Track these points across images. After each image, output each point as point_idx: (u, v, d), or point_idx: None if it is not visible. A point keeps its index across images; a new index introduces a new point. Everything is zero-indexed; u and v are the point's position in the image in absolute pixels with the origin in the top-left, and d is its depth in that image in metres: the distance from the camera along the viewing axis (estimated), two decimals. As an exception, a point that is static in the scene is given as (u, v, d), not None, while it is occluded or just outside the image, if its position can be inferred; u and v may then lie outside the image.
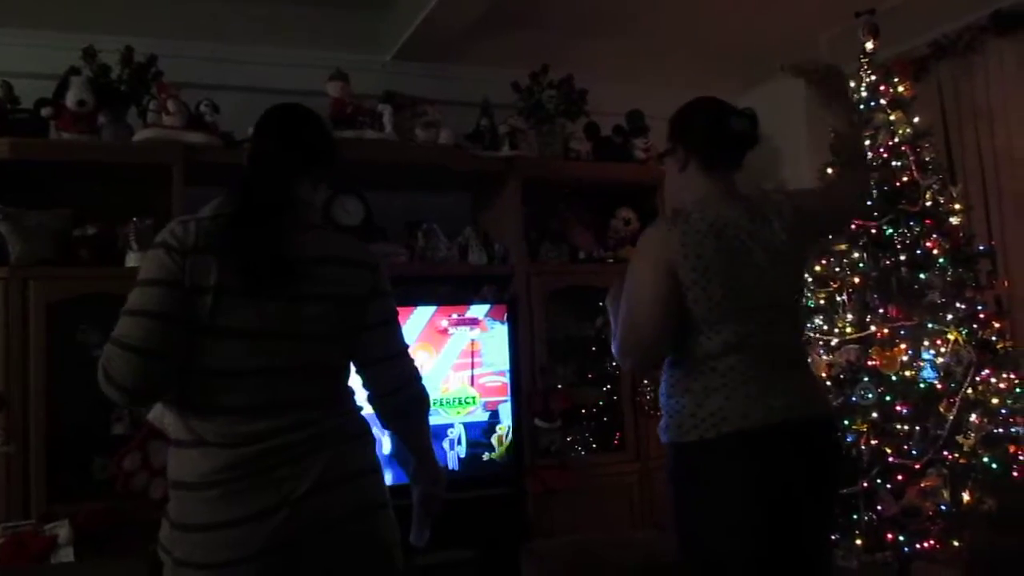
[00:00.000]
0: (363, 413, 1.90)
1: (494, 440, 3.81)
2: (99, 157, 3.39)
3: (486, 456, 3.80)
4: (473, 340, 3.80)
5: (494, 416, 3.81)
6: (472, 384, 3.78)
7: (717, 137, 2.27)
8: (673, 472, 2.21)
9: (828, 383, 3.54)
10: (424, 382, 1.96)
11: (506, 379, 3.85)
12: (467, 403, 3.76)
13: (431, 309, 3.73)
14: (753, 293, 2.16)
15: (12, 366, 3.17)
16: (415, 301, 3.72)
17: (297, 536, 1.65)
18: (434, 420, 3.61)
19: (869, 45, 3.75)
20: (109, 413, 3.34)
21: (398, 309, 1.96)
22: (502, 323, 3.86)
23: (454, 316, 3.77)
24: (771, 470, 2.09)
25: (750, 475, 2.09)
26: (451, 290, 3.97)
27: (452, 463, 3.73)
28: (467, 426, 3.77)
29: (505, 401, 3.84)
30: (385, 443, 3.49)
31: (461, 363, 3.77)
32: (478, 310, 3.82)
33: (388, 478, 1.98)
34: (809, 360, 2.50)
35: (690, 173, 2.30)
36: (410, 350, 1.96)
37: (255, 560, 1.61)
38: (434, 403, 3.60)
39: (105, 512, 3.09)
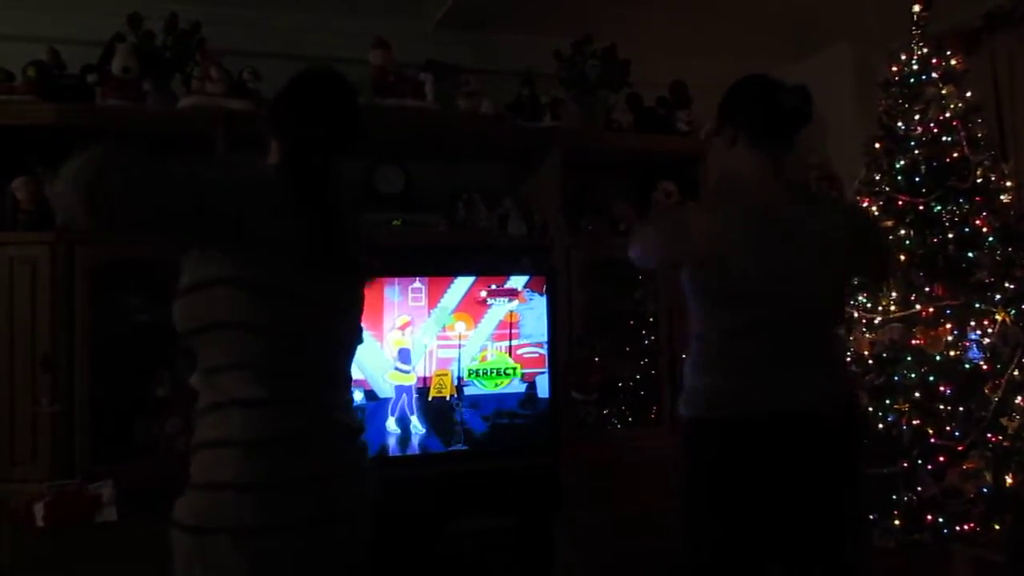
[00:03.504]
0: None
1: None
2: (143, 124, 3.41)
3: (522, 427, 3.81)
4: (512, 311, 3.79)
5: (531, 387, 3.81)
6: (510, 355, 3.78)
7: (766, 114, 2.22)
8: None
9: (870, 361, 3.51)
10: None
11: (544, 351, 3.85)
12: (506, 375, 3.76)
13: (470, 279, 3.73)
14: (776, 279, 2.15)
15: (58, 329, 3.22)
16: (454, 271, 3.71)
17: (341, 509, 1.66)
18: (471, 391, 3.68)
19: (920, 15, 3.66)
20: (151, 376, 3.39)
21: (434, 278, 2.00)
22: (541, 295, 3.85)
23: (493, 287, 3.77)
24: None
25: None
26: (490, 261, 3.96)
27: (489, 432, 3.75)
28: (504, 397, 3.77)
29: (543, 373, 3.84)
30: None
31: (499, 334, 3.77)
32: (517, 281, 3.81)
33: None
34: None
35: (738, 152, 2.26)
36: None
37: (308, 526, 1.60)
38: (471, 374, 3.69)
39: (148, 473, 3.15)
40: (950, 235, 3.47)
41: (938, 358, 3.39)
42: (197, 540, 1.56)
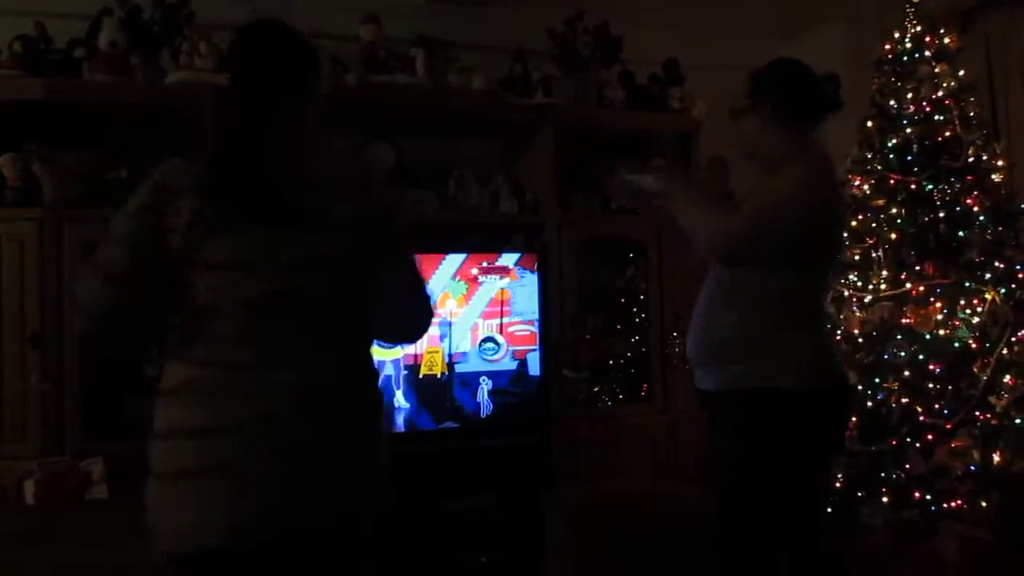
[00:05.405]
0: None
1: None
2: (131, 99, 3.37)
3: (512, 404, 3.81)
4: (503, 289, 3.79)
5: (522, 365, 3.81)
6: (501, 332, 3.78)
7: (806, 98, 2.35)
8: None
9: (860, 340, 3.52)
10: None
11: (535, 328, 3.85)
12: (495, 351, 3.77)
13: (461, 257, 3.72)
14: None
15: (47, 306, 3.20)
16: (445, 248, 3.71)
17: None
18: (463, 368, 3.68)
19: (915, -6, 3.66)
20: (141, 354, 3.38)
21: (425, 255, 1.89)
22: (532, 272, 3.84)
23: (484, 264, 3.76)
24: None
25: None
26: (482, 238, 3.95)
27: (482, 411, 3.75)
28: (494, 374, 3.77)
29: (534, 350, 3.84)
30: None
31: (490, 311, 3.77)
32: (508, 259, 3.81)
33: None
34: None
35: (771, 131, 2.35)
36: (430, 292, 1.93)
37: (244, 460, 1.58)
38: (463, 350, 3.68)
39: (139, 451, 3.14)
40: (941, 214, 3.48)
41: (928, 337, 3.40)
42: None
